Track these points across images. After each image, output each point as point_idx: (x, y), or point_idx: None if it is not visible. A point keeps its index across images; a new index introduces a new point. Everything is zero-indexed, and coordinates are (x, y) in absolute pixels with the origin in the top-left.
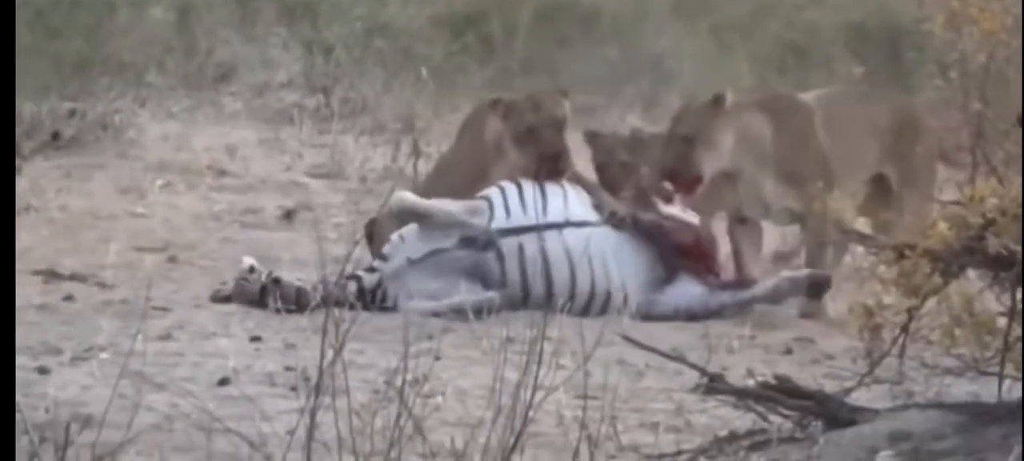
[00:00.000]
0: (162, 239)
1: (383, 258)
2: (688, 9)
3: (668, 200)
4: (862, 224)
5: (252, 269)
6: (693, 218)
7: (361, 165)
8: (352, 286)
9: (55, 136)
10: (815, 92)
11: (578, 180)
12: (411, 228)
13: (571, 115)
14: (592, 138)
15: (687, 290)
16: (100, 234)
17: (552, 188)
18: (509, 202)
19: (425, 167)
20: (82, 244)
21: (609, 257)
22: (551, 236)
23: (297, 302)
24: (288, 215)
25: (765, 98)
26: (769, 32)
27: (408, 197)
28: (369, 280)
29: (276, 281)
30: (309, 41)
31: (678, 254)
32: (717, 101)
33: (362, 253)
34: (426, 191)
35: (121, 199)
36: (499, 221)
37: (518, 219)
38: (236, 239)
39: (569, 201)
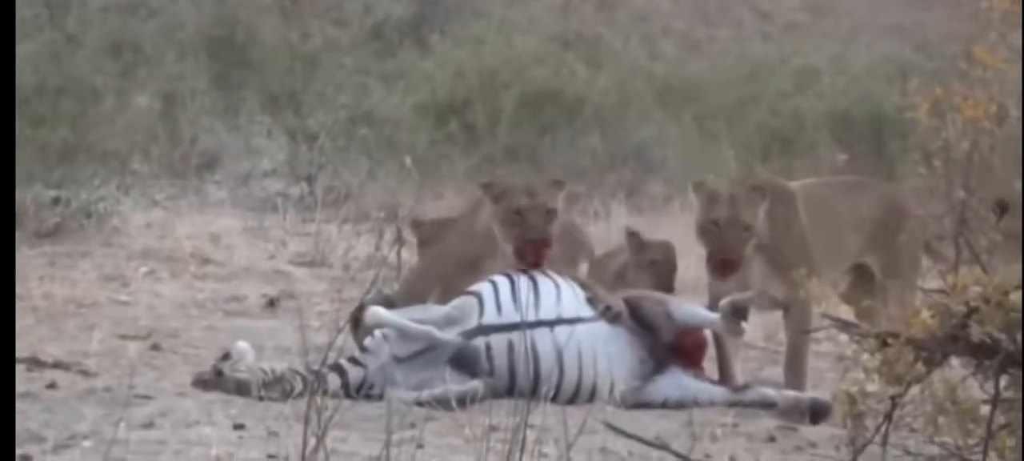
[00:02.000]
0: (145, 327)
1: (366, 350)
2: (672, 98)
3: None
4: (845, 312)
5: (226, 356)
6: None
7: (345, 253)
8: (335, 378)
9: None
10: (798, 182)
11: (573, 274)
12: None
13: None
14: (631, 237)
15: (679, 382)
16: (83, 322)
17: (545, 283)
18: (501, 297)
19: (408, 256)
20: (65, 332)
21: (599, 352)
22: (541, 333)
23: (238, 393)
24: (271, 303)
25: (756, 183)
26: (753, 120)
27: (383, 314)
28: (354, 374)
29: (219, 373)
30: (293, 130)
31: (668, 349)
32: (760, 190)
33: (346, 339)
34: (418, 279)
35: (105, 287)
36: (490, 317)
37: (509, 315)
38: (219, 327)
39: (562, 296)
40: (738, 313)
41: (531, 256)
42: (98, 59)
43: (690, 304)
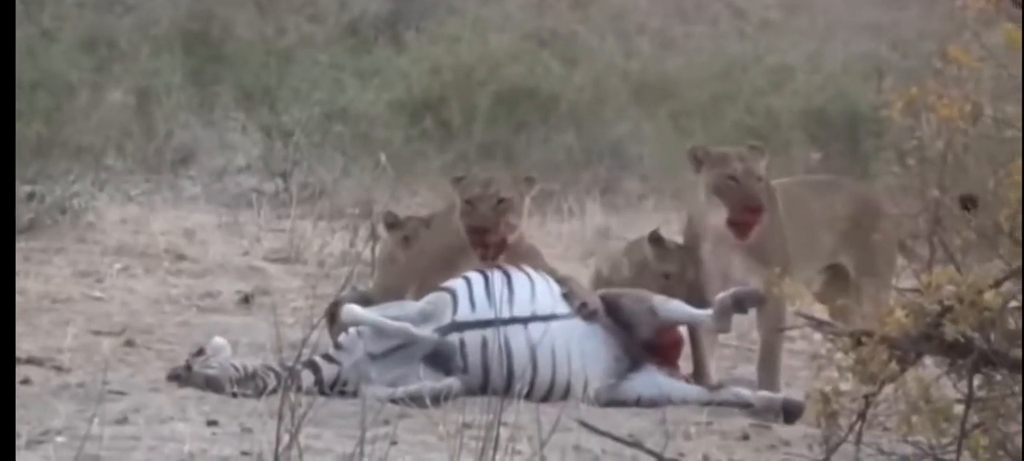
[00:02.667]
0: (120, 323)
1: (340, 348)
2: (647, 95)
3: None
4: (819, 311)
5: (200, 351)
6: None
7: (319, 250)
8: (309, 374)
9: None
10: (775, 182)
11: (549, 270)
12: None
13: (528, 202)
14: (654, 242)
15: (653, 380)
16: (57, 317)
17: (519, 278)
18: (474, 294)
19: (380, 251)
20: (39, 328)
21: (573, 350)
22: (515, 331)
23: (208, 389)
24: (246, 299)
25: (754, 144)
26: (728, 118)
27: (359, 311)
28: (328, 371)
29: (188, 368)
30: (268, 126)
31: (645, 347)
32: (759, 149)
33: (320, 335)
34: (395, 276)
35: (79, 282)
36: (463, 313)
37: (483, 312)
38: (194, 323)
39: (537, 292)
40: (739, 306)
41: (479, 244)
42: (73, 54)
43: (673, 301)
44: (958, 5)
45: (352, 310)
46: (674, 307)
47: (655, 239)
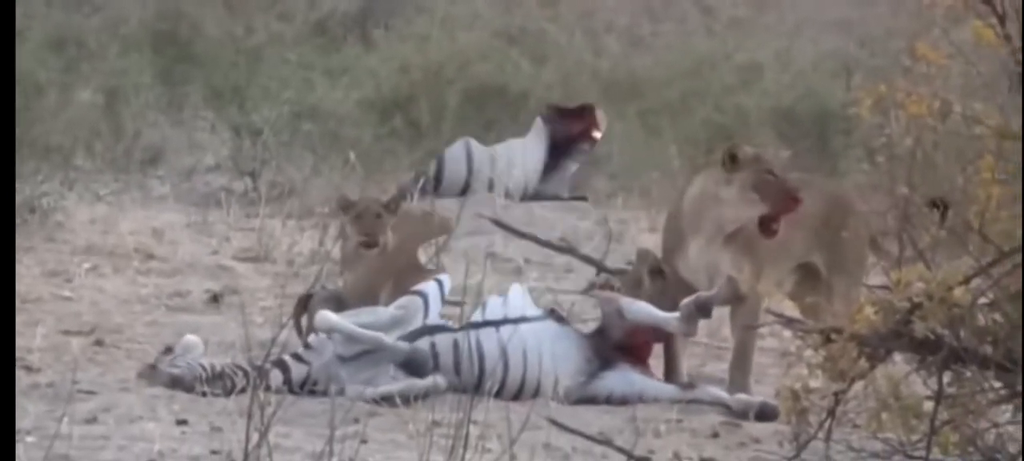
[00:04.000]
0: (89, 322)
1: (310, 348)
2: (616, 93)
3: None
4: (789, 308)
5: (168, 350)
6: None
7: (288, 249)
8: (278, 374)
9: None
10: None
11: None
12: None
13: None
14: (651, 269)
15: (626, 377)
16: (27, 317)
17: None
18: (446, 297)
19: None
20: None
21: (545, 352)
22: (487, 333)
23: (173, 387)
24: (215, 299)
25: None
26: (697, 116)
27: (333, 319)
28: (298, 371)
29: (152, 367)
30: (237, 125)
31: (616, 348)
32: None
33: (289, 335)
34: (369, 276)
35: (48, 282)
36: (435, 317)
37: None
38: (163, 322)
39: (509, 296)
40: (703, 310)
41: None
42: (41, 53)
43: (640, 302)
44: (926, 3)
45: (326, 317)
46: (641, 309)
47: (655, 271)
